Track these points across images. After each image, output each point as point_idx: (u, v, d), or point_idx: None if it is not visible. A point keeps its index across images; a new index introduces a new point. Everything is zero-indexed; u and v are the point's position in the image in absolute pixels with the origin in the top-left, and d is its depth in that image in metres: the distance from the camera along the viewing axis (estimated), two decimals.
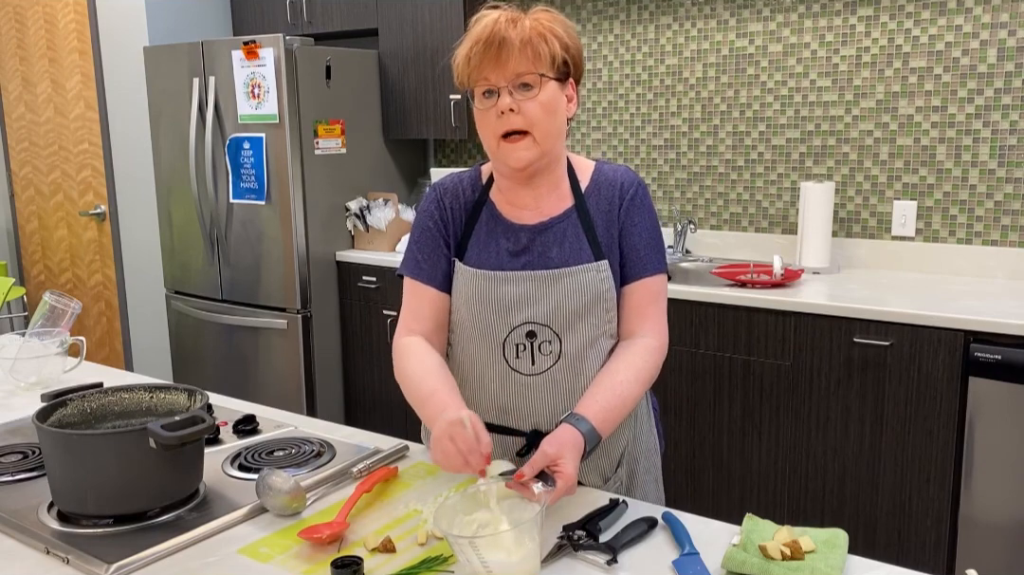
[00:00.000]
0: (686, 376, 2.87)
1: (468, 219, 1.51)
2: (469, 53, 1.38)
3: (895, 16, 2.96)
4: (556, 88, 1.40)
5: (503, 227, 1.48)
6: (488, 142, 1.42)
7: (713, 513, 1.80)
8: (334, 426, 1.78)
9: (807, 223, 3.02)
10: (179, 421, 1.31)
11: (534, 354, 1.45)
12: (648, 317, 1.47)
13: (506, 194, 1.50)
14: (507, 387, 1.47)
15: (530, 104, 1.37)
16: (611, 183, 1.49)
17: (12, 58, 4.84)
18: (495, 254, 1.47)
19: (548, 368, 1.45)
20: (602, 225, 1.46)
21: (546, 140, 1.40)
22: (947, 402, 2.43)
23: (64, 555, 1.24)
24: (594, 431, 1.33)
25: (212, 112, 3.73)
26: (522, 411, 1.47)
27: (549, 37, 1.38)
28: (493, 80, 1.37)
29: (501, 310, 1.44)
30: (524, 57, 1.36)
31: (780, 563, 1.17)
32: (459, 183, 1.54)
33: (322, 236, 3.76)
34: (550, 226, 1.47)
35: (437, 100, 3.75)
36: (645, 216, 1.49)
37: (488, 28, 1.36)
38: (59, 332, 2.11)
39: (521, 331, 1.44)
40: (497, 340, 1.46)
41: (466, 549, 1.09)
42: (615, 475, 1.56)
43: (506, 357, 1.46)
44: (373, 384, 3.78)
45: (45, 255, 4.97)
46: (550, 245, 1.45)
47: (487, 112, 1.39)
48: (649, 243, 1.48)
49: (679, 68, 3.43)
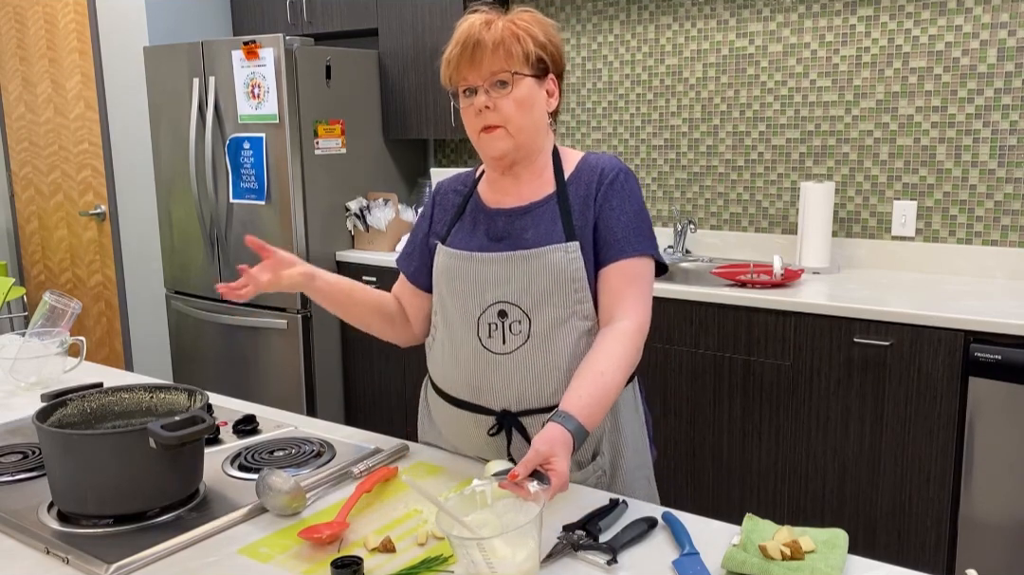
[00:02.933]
0: (686, 376, 2.87)
1: (457, 211, 1.61)
2: (449, 56, 1.48)
3: (895, 16, 2.96)
4: (532, 84, 1.48)
5: (484, 214, 1.57)
6: (471, 136, 1.53)
7: (713, 513, 1.80)
8: (334, 426, 1.78)
9: (807, 223, 3.02)
10: (179, 421, 1.31)
11: (505, 333, 1.49)
12: (624, 298, 1.48)
13: (491, 184, 1.59)
14: (480, 366, 1.51)
15: (505, 101, 1.46)
16: (593, 169, 1.54)
17: (12, 58, 4.84)
18: (475, 238, 1.55)
19: (518, 347, 1.49)
20: (578, 209, 1.51)
21: (520, 133, 1.48)
22: (947, 402, 2.43)
23: (64, 555, 1.24)
24: (581, 427, 1.34)
25: (212, 112, 3.73)
26: (494, 390, 1.51)
27: (522, 36, 1.46)
28: (471, 80, 1.46)
29: (475, 289, 1.51)
30: (497, 57, 1.45)
31: (780, 563, 1.17)
32: (456, 180, 1.66)
33: (322, 236, 3.76)
34: (529, 210, 1.53)
35: (437, 100, 3.75)
36: (626, 200, 1.51)
37: (464, 32, 1.46)
38: (59, 332, 2.11)
39: (493, 310, 1.50)
40: (472, 318, 1.51)
41: (473, 551, 1.09)
42: (593, 463, 1.55)
43: (479, 336, 1.51)
44: (373, 384, 3.78)
45: (45, 255, 4.97)
46: (527, 228, 1.52)
47: (468, 109, 1.49)
48: (628, 226, 1.50)
49: (679, 68, 3.43)
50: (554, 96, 1.52)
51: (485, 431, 1.52)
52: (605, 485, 1.56)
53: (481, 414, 1.53)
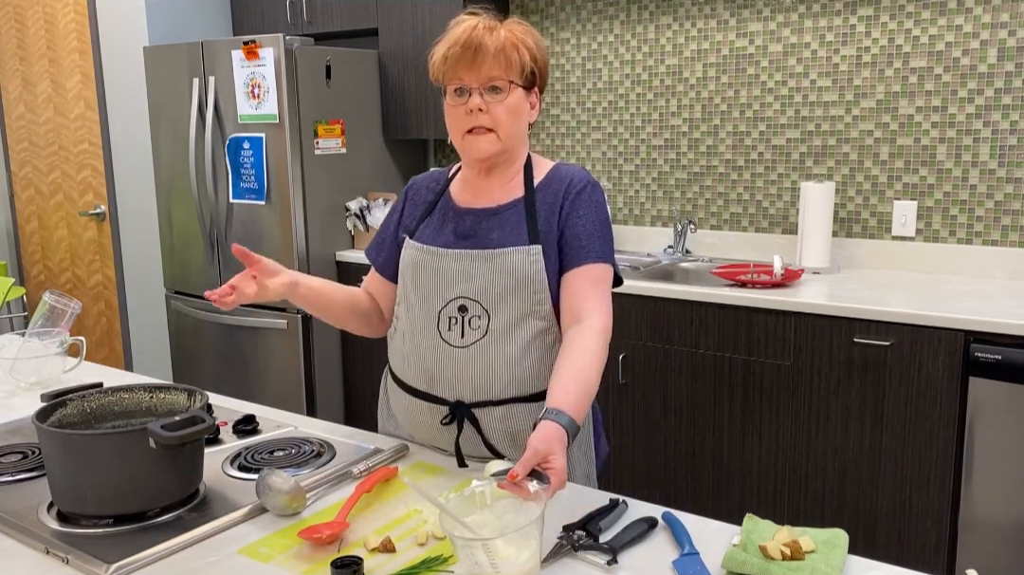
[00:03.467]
0: (686, 376, 2.87)
1: (427, 208, 1.66)
2: (447, 53, 1.50)
3: (895, 16, 2.96)
4: (522, 95, 1.54)
5: (453, 212, 1.62)
6: (453, 134, 1.56)
7: (713, 513, 1.81)
8: (334, 426, 1.78)
9: (807, 223, 3.02)
10: (179, 421, 1.31)
11: (464, 327, 1.54)
12: (590, 298, 1.52)
13: (464, 184, 1.64)
14: (437, 357, 1.55)
15: (498, 107, 1.51)
16: (562, 179, 1.60)
17: (12, 58, 4.84)
18: (442, 235, 1.60)
19: (475, 342, 1.53)
20: (544, 215, 1.56)
21: (508, 139, 1.54)
22: (947, 402, 2.43)
23: (64, 555, 1.24)
24: (573, 422, 1.36)
25: (212, 112, 3.73)
26: (449, 381, 1.55)
27: (521, 48, 1.51)
28: (466, 80, 1.50)
29: (438, 283, 1.56)
30: (497, 63, 1.49)
31: (780, 563, 1.17)
32: (430, 177, 1.71)
33: (322, 236, 3.76)
34: (496, 212, 1.58)
35: (437, 100, 3.75)
36: (591, 210, 1.57)
37: (467, 32, 1.49)
38: (59, 332, 2.11)
39: (454, 305, 1.54)
40: (433, 311, 1.56)
41: (477, 551, 1.09)
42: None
43: (439, 328, 1.55)
44: (373, 384, 3.78)
45: (45, 255, 4.97)
46: (492, 228, 1.57)
47: (457, 108, 1.52)
48: (593, 234, 1.55)
49: (679, 68, 3.43)
50: (535, 108, 1.59)
51: (438, 420, 1.57)
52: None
53: (435, 403, 1.57)
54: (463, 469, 1.56)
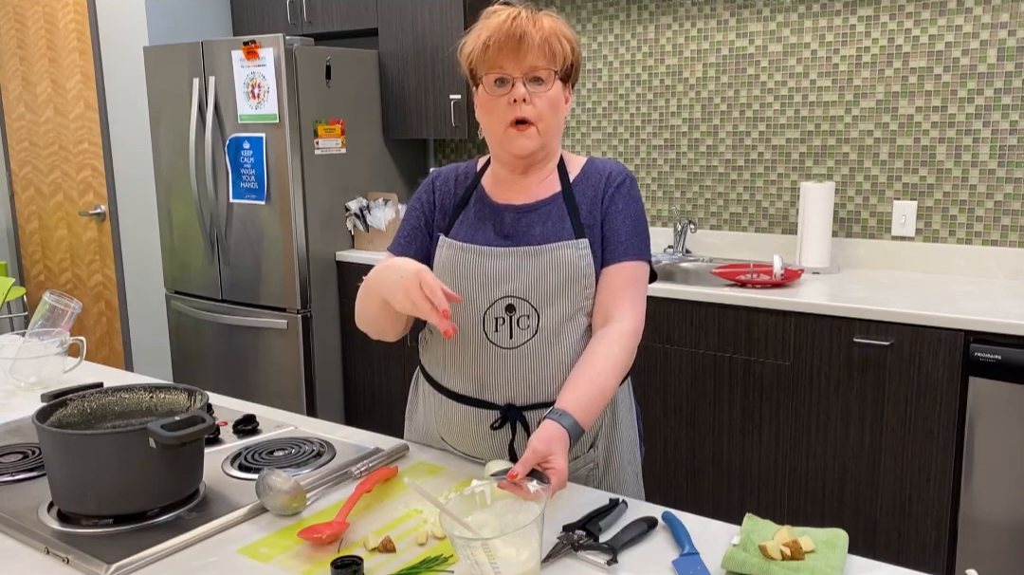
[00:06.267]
0: (686, 376, 2.87)
1: (459, 202, 1.58)
2: (488, 41, 1.43)
3: (895, 16, 2.96)
4: (560, 88, 1.48)
5: (491, 209, 1.55)
6: (494, 127, 1.48)
7: (713, 513, 1.81)
8: (334, 426, 1.78)
9: (807, 223, 3.02)
10: (179, 421, 1.31)
11: (512, 328, 1.49)
12: (624, 299, 1.49)
13: (497, 180, 1.57)
14: (485, 359, 1.50)
15: (540, 98, 1.45)
16: (599, 172, 1.55)
17: (12, 58, 4.84)
18: (481, 232, 1.53)
19: (526, 342, 1.48)
20: (586, 209, 1.52)
21: (547, 133, 1.48)
22: (947, 402, 2.43)
23: (64, 555, 1.24)
24: (577, 424, 1.35)
25: (212, 112, 3.73)
26: (498, 384, 1.50)
27: (563, 39, 1.46)
28: (508, 70, 1.43)
29: (482, 283, 1.49)
30: (542, 53, 1.43)
31: (780, 563, 1.17)
32: (455, 170, 1.63)
33: (322, 236, 3.76)
34: (536, 207, 1.53)
35: (437, 100, 3.75)
36: (630, 205, 1.53)
37: (509, 21, 1.43)
38: (59, 332, 2.11)
39: (501, 304, 1.49)
40: (478, 313, 1.49)
41: (477, 551, 1.09)
42: (587, 455, 1.56)
43: (485, 330, 1.49)
44: (373, 384, 3.78)
45: (45, 255, 4.97)
46: (534, 224, 1.51)
47: (497, 99, 1.45)
48: (631, 230, 1.52)
49: (679, 68, 3.43)
50: (568, 103, 1.53)
51: (487, 426, 1.51)
52: (597, 478, 1.57)
53: (484, 408, 1.52)
54: (463, 470, 1.56)
